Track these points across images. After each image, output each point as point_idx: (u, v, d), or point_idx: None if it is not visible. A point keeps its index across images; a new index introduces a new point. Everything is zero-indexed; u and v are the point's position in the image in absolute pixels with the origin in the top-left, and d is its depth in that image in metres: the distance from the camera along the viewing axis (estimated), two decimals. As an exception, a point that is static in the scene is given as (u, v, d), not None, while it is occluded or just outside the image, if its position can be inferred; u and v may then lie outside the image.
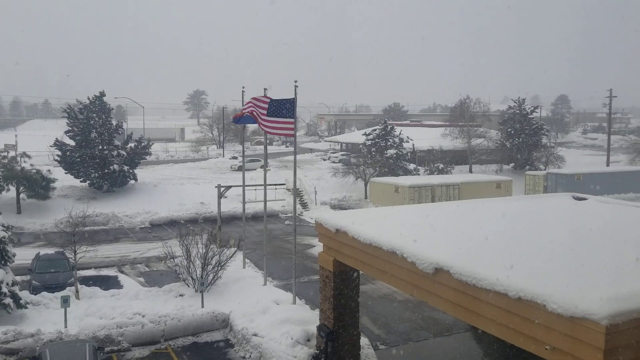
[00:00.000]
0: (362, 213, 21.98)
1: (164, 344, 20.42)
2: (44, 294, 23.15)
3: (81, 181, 48.03)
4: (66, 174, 47.36)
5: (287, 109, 21.84)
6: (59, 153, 47.48)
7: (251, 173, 57.09)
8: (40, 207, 42.77)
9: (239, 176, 33.76)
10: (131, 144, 50.39)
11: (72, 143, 47.73)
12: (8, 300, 20.48)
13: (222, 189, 34.57)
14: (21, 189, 41.69)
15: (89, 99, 48.54)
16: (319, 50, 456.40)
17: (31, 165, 42.19)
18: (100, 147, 46.97)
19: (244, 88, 27.80)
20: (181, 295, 23.62)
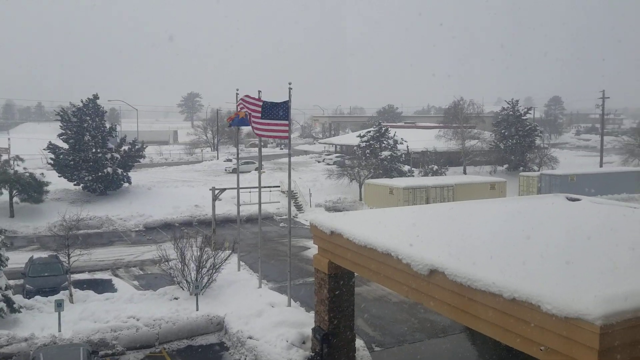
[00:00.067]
0: (357, 215, 21.99)
1: (158, 347, 20.36)
2: (37, 298, 23.03)
3: (75, 184, 47.78)
4: (59, 177, 47.11)
5: (281, 111, 21.84)
6: (52, 156, 47.27)
7: (246, 175, 56.96)
8: (34, 210, 42.57)
9: (233, 179, 33.70)
10: (125, 147, 50.18)
11: (65, 146, 47.54)
12: (1, 305, 20.36)
13: (216, 192, 34.49)
14: (14, 192, 41.49)
15: (82, 101, 48.38)
16: (313, 52, 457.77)
17: (24, 168, 42.04)
18: (94, 150, 46.74)
19: (238, 90, 27.70)
20: (176, 299, 23.57)
